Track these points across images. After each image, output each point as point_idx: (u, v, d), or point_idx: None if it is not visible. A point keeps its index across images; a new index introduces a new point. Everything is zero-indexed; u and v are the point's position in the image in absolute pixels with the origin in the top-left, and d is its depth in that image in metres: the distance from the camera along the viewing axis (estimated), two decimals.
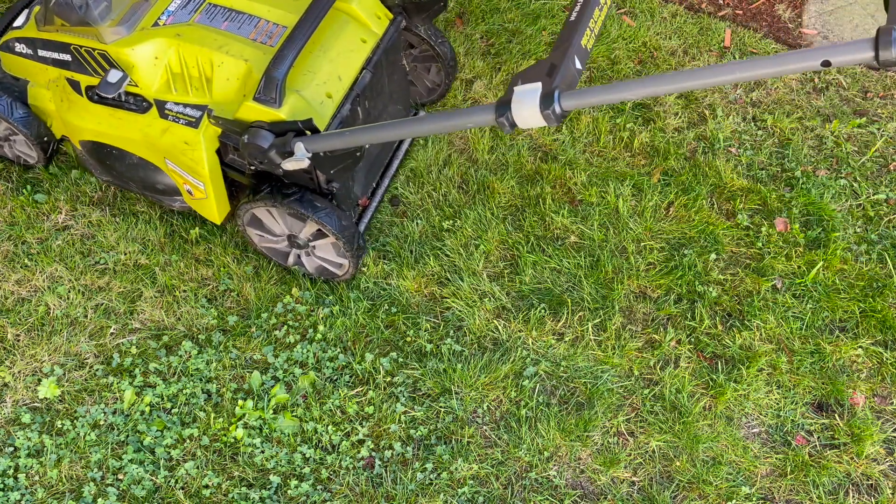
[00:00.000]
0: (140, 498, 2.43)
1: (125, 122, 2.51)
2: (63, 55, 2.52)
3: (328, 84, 2.43)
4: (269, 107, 2.29)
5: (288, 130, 2.29)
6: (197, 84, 2.44)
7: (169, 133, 2.44)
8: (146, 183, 2.74)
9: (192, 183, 2.55)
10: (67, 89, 2.60)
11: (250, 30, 2.47)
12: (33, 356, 2.65)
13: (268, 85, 2.28)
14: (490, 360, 2.69)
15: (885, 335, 2.79)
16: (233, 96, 2.40)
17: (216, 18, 2.49)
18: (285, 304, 2.78)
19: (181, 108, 2.44)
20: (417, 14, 2.73)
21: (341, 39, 2.51)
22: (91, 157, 2.77)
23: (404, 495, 2.46)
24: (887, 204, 3.10)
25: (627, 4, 3.64)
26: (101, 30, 2.40)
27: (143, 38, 2.41)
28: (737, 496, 2.50)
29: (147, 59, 2.41)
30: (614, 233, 2.96)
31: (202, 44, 2.41)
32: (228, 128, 2.39)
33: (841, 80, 3.44)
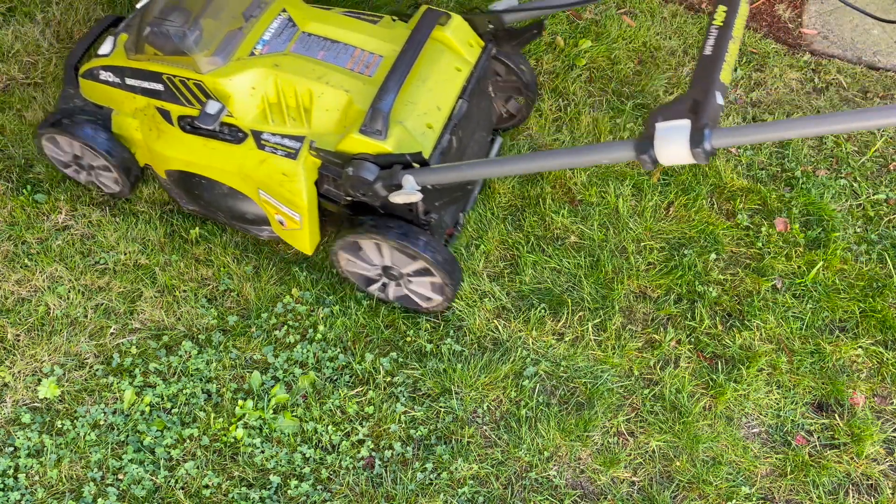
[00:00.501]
0: (140, 498, 2.43)
1: (219, 153, 2.48)
2: (154, 84, 2.48)
3: (428, 115, 2.39)
4: (375, 139, 2.26)
5: (394, 163, 2.26)
6: (294, 114, 2.40)
7: (266, 164, 2.40)
8: (235, 213, 2.71)
9: (287, 214, 2.51)
10: (157, 118, 2.56)
11: (347, 59, 2.44)
12: (33, 356, 2.65)
13: (374, 117, 2.24)
14: (490, 360, 2.69)
15: (885, 335, 2.79)
16: (332, 127, 2.37)
17: (312, 48, 2.46)
18: (285, 304, 2.78)
19: (279, 139, 2.40)
20: (508, 41, 2.67)
21: (438, 69, 2.47)
22: (177, 186, 2.73)
23: (404, 495, 2.46)
24: (887, 204, 3.10)
25: (627, 4, 3.64)
26: (197, 59, 2.36)
27: (241, 68, 2.38)
28: (737, 496, 2.50)
29: (244, 89, 2.38)
30: (614, 233, 2.96)
31: (301, 74, 2.38)
32: (330, 160, 2.35)
33: (841, 80, 3.44)
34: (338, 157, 2.34)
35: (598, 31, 3.51)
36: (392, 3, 3.55)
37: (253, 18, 2.49)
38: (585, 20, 3.56)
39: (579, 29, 3.52)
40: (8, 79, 3.22)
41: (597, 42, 3.48)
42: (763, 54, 3.50)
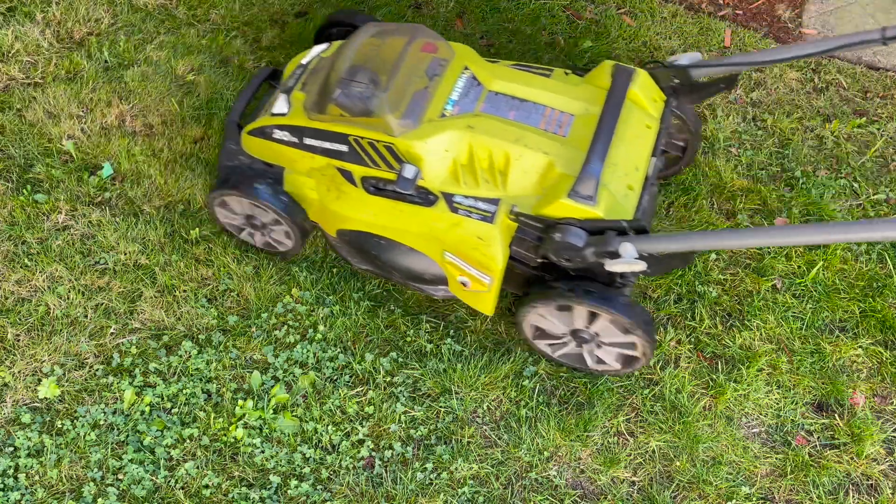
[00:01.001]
0: (140, 498, 2.43)
1: (407, 215, 2.42)
2: (338, 145, 2.42)
3: (628, 176, 2.31)
4: (585, 205, 2.19)
5: (606, 229, 2.19)
6: (489, 176, 2.34)
7: (460, 227, 2.34)
8: (412, 273, 2.63)
9: (474, 276, 2.43)
10: (338, 179, 2.50)
11: (539, 119, 2.37)
12: (33, 356, 2.65)
13: (585, 182, 2.18)
14: (490, 360, 2.69)
15: (885, 335, 2.79)
16: (529, 190, 2.31)
17: (501, 108, 2.40)
18: (285, 304, 2.78)
19: (472, 202, 2.34)
20: (690, 96, 2.57)
21: (631, 127, 2.38)
22: (350, 245, 2.67)
23: (404, 495, 2.46)
24: (887, 204, 3.10)
25: (627, 4, 3.64)
26: (389, 121, 2.30)
27: (434, 130, 2.32)
28: (737, 496, 2.50)
29: (437, 151, 2.33)
30: None
31: (497, 136, 2.31)
32: (530, 224, 2.29)
33: (841, 80, 3.44)
34: (539, 221, 2.27)
35: (598, 31, 3.51)
36: (392, 2, 3.55)
37: (437, 77, 2.43)
38: (585, 20, 3.56)
39: (579, 29, 3.52)
40: (8, 79, 3.22)
41: (597, 42, 3.48)
42: None
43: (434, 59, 2.47)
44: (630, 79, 2.42)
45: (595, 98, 2.42)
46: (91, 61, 3.27)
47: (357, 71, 2.35)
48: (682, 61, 2.51)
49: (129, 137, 3.09)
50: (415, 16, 3.54)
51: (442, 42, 2.53)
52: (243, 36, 3.44)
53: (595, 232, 2.22)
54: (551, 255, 2.30)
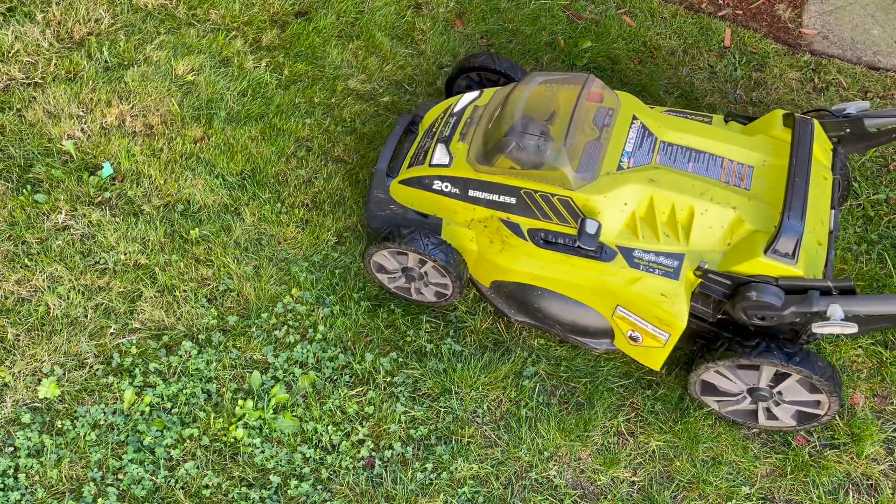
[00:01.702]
0: (140, 498, 2.43)
1: (578, 269, 2.38)
2: (507, 198, 2.39)
3: (816, 231, 2.23)
4: (784, 263, 2.13)
5: (808, 288, 2.12)
6: (669, 230, 2.29)
7: (640, 283, 2.29)
8: (575, 326, 2.58)
9: (649, 332, 2.38)
10: (503, 231, 2.46)
11: (719, 172, 2.32)
12: (33, 356, 2.65)
13: (785, 240, 2.11)
14: (490, 360, 2.69)
15: (885, 335, 2.79)
16: (713, 245, 2.26)
17: (678, 159, 2.35)
18: (285, 304, 2.78)
19: (653, 257, 2.29)
20: (856, 144, 2.51)
21: (813, 181, 2.28)
22: (506, 297, 2.63)
23: (404, 495, 2.46)
24: (887, 204, 3.10)
25: (627, 4, 3.64)
26: (567, 174, 2.26)
27: (614, 183, 2.28)
28: (737, 496, 2.50)
29: (616, 205, 2.29)
30: None
31: (680, 189, 2.27)
32: (719, 281, 2.23)
33: (841, 80, 3.44)
34: (729, 278, 2.22)
35: (598, 31, 3.51)
36: (392, 3, 3.55)
37: (606, 128, 2.39)
38: (585, 20, 3.56)
39: (579, 29, 3.52)
40: (8, 79, 3.22)
41: (597, 42, 3.48)
42: (763, 54, 3.50)
43: (600, 109, 2.43)
44: (812, 132, 2.34)
45: (770, 148, 2.36)
46: (91, 61, 3.27)
47: (528, 122, 2.31)
48: (851, 110, 2.45)
49: (129, 137, 3.09)
50: (415, 16, 3.54)
51: (607, 90, 2.49)
52: (243, 36, 3.44)
53: (793, 291, 2.15)
54: (741, 313, 2.23)
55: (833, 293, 2.12)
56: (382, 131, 3.23)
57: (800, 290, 2.14)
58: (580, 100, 2.37)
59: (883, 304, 2.08)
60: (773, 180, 2.28)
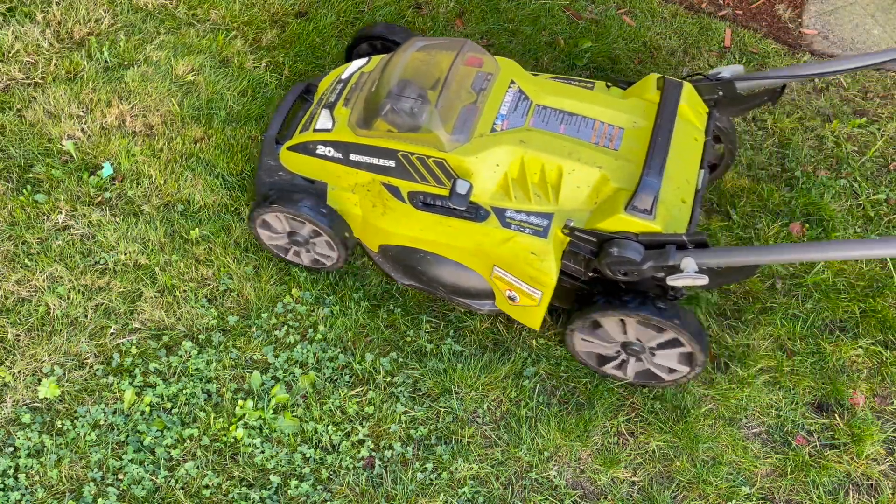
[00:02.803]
0: (140, 498, 2.43)
1: (455, 230, 2.42)
2: (385, 161, 2.41)
3: (681, 189, 2.30)
4: (643, 219, 2.19)
5: (665, 243, 2.19)
6: (539, 191, 2.34)
7: (512, 242, 2.34)
8: (458, 288, 2.63)
9: (524, 291, 2.43)
10: (384, 195, 2.50)
11: (590, 133, 2.37)
12: (33, 356, 2.65)
13: (644, 196, 2.17)
14: (490, 360, 2.69)
15: (885, 335, 2.79)
16: (581, 204, 2.31)
17: (550, 121, 2.39)
18: (285, 304, 2.78)
19: (524, 217, 2.34)
20: (732, 108, 2.57)
21: (682, 141, 2.37)
22: (393, 261, 2.68)
23: (404, 495, 2.46)
24: (887, 204, 3.10)
25: (627, 4, 3.64)
26: (440, 136, 2.30)
27: (486, 145, 2.32)
28: (737, 496, 2.50)
29: (488, 166, 2.33)
30: None
31: (549, 150, 2.31)
32: (585, 238, 2.29)
33: (841, 80, 3.44)
34: (595, 235, 2.27)
35: (598, 31, 3.51)
36: (392, 3, 3.55)
37: (483, 92, 2.43)
38: (585, 20, 3.56)
39: (579, 29, 3.52)
40: (8, 79, 3.22)
41: (597, 42, 3.48)
42: (763, 54, 3.50)
43: (479, 74, 2.46)
44: (679, 93, 2.40)
45: (642, 111, 2.41)
46: (91, 61, 3.27)
47: (405, 86, 2.34)
48: (725, 74, 2.50)
49: (129, 137, 3.09)
50: (415, 16, 3.54)
51: (487, 56, 2.52)
52: (243, 36, 3.44)
53: (652, 246, 2.20)
54: (606, 269, 2.28)
55: (688, 247, 2.18)
56: None
57: (658, 244, 2.21)
58: (455, 63, 2.42)
59: (731, 256, 2.15)
60: (642, 141, 2.34)
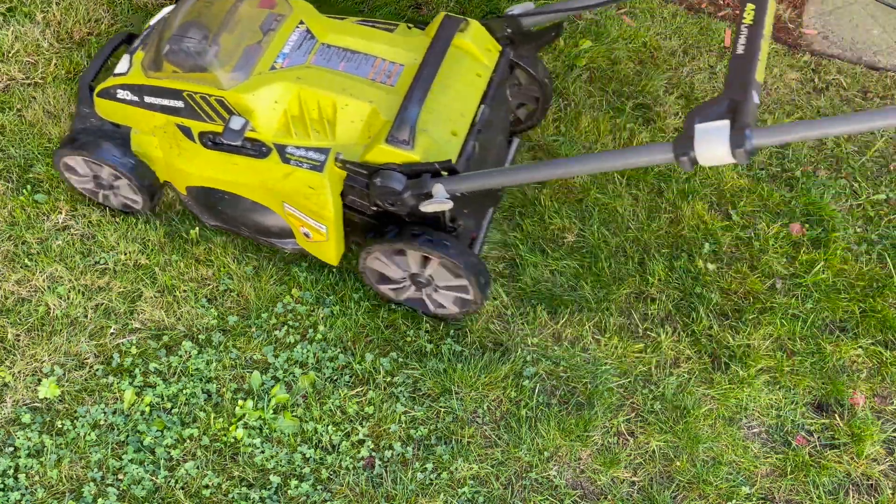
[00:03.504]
0: (140, 498, 2.43)
1: (242, 168, 2.47)
2: (175, 102, 2.46)
3: (452, 122, 2.38)
4: (402, 149, 2.25)
5: (423, 172, 2.26)
6: (318, 127, 2.39)
7: (292, 178, 2.39)
8: (259, 227, 2.70)
9: (313, 226, 2.50)
10: (178, 136, 2.54)
11: (368, 70, 2.43)
12: (33, 356, 2.65)
13: (401, 127, 2.24)
14: (490, 360, 2.69)
15: (885, 335, 2.79)
16: (356, 138, 2.36)
17: (332, 59, 2.44)
18: (285, 304, 2.78)
19: (303, 152, 2.39)
20: (525, 45, 2.65)
21: (459, 76, 2.45)
22: (199, 202, 2.73)
23: (404, 495, 2.46)
24: (887, 204, 3.10)
25: (627, 4, 3.64)
26: (219, 75, 2.35)
27: (263, 82, 2.37)
28: (737, 496, 2.50)
29: (267, 103, 2.37)
30: (614, 233, 2.96)
31: (324, 86, 2.36)
32: (356, 171, 2.34)
33: (841, 80, 3.44)
34: (364, 167, 2.33)
35: (598, 31, 3.51)
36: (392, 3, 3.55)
37: (271, 32, 2.47)
38: (585, 20, 3.56)
39: (579, 29, 3.52)
40: (8, 79, 3.22)
41: (597, 42, 3.48)
42: None
43: (270, 15, 2.51)
44: (455, 28, 2.48)
45: (424, 48, 2.47)
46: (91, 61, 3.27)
47: (189, 27, 2.39)
48: (514, 11, 2.59)
49: None
50: (415, 15, 3.54)
51: None
52: None
53: (414, 176, 2.28)
54: (377, 200, 2.36)
55: (441, 175, 2.25)
56: None
57: (417, 174, 2.27)
58: (238, 3, 2.47)
59: (476, 181, 2.22)
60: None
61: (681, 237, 2.97)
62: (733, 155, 1.81)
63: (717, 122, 1.82)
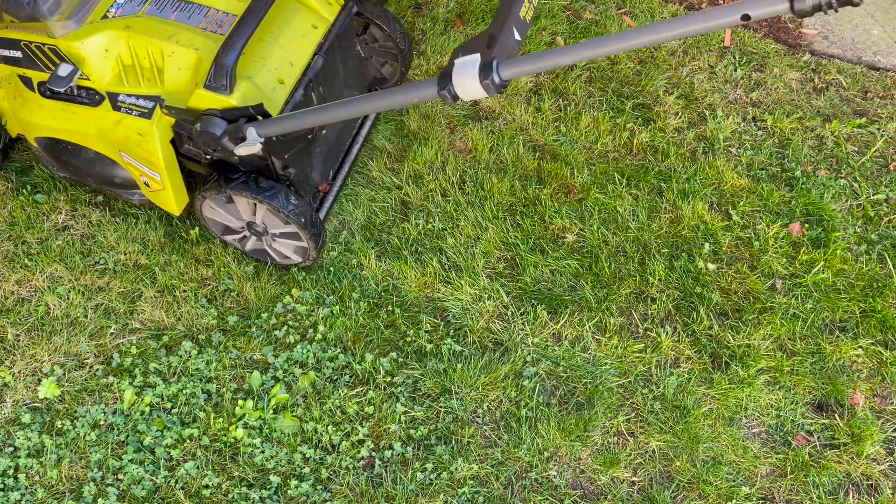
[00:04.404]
0: (140, 498, 2.43)
1: (78, 117, 2.51)
2: (14, 52, 2.50)
3: (280, 70, 2.44)
4: (221, 94, 2.30)
5: (240, 117, 2.30)
6: (148, 75, 2.44)
7: (122, 125, 2.44)
8: (104, 177, 2.74)
9: (149, 175, 2.55)
10: (20, 86, 2.58)
11: (200, 19, 2.47)
12: (33, 356, 2.65)
13: (218, 72, 2.28)
14: (490, 360, 2.69)
15: (885, 335, 2.79)
16: (184, 86, 2.41)
17: (165, 9, 2.48)
18: (285, 304, 2.78)
19: (134, 100, 2.44)
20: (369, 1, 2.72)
21: (292, 26, 2.51)
22: (47, 153, 2.76)
23: (404, 495, 2.46)
24: (887, 204, 3.10)
25: (627, 4, 3.64)
26: (51, 24, 2.38)
27: (93, 30, 2.40)
28: (737, 496, 2.50)
29: (97, 52, 2.41)
30: (614, 233, 2.96)
31: (152, 34, 2.40)
32: (181, 117, 2.39)
33: (841, 80, 3.44)
34: (188, 113, 2.36)
35: (598, 32, 3.51)
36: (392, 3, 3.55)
37: None
38: (585, 20, 3.56)
39: (579, 29, 3.52)
40: None
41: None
42: (763, 54, 3.50)
43: None
44: None
45: None
46: None
47: None
48: None
49: None
50: (415, 16, 3.54)
51: None
52: None
53: (234, 121, 2.30)
54: (202, 146, 2.39)
55: (256, 119, 2.29)
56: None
57: (235, 119, 2.30)
58: None
59: (287, 123, 2.24)
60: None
61: (681, 237, 2.97)
62: (483, 88, 1.83)
63: (471, 56, 1.85)
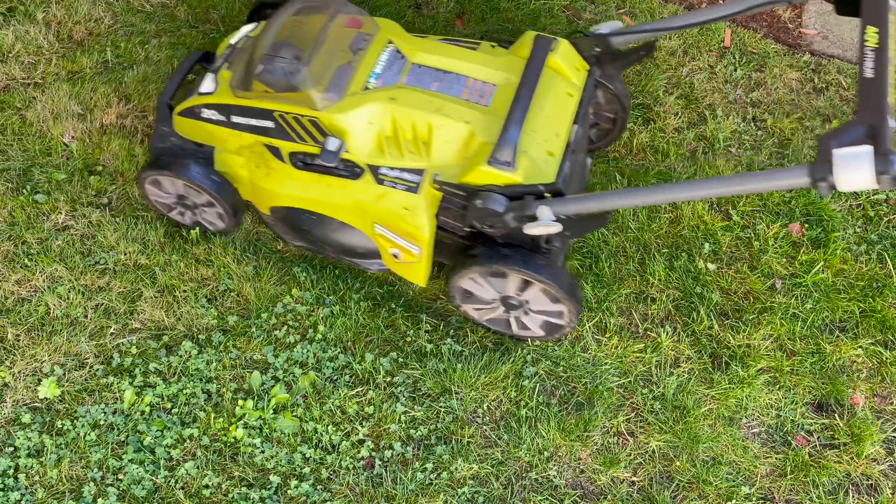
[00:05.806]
0: (140, 498, 2.43)
1: (334, 189, 2.47)
2: (265, 122, 2.45)
3: (548, 142, 2.36)
4: (504, 171, 2.24)
5: (525, 194, 2.25)
6: (412, 147, 2.38)
7: (386, 199, 2.39)
8: (345, 247, 2.70)
9: (404, 247, 2.49)
10: (266, 156, 2.54)
11: (461, 90, 2.41)
12: (33, 356, 2.65)
13: (503, 149, 2.23)
14: (490, 360, 2.69)
15: (885, 335, 2.80)
16: (452, 159, 2.35)
17: (424, 79, 2.43)
18: (285, 304, 2.78)
19: (398, 173, 2.39)
20: (612, 64, 2.63)
21: (552, 95, 2.44)
22: (283, 222, 2.73)
23: (404, 495, 2.46)
24: (887, 204, 3.10)
25: (627, 4, 3.64)
26: (312, 95, 2.34)
27: (357, 102, 2.36)
28: (737, 496, 2.50)
29: (360, 124, 2.36)
30: (614, 233, 2.96)
31: (419, 107, 2.35)
32: (454, 192, 2.34)
33: (841, 80, 3.44)
34: (462, 189, 2.32)
35: None
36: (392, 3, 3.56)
37: (360, 51, 2.46)
38: (586, 20, 3.56)
39: (579, 29, 3.52)
40: (8, 79, 3.22)
41: None
42: (763, 54, 3.50)
43: (359, 34, 2.50)
44: (548, 48, 2.46)
45: (516, 68, 2.45)
46: (91, 61, 3.27)
47: (280, 47, 2.38)
48: (602, 30, 2.58)
49: (129, 137, 3.10)
50: (415, 16, 3.54)
51: (367, 17, 2.57)
52: None
53: (516, 198, 2.27)
54: (476, 222, 2.35)
55: (545, 196, 2.24)
56: None
57: (519, 196, 2.27)
58: (329, 23, 2.46)
59: (583, 203, 2.21)
60: (512, 97, 2.39)
61: (681, 237, 2.97)
62: (878, 181, 1.78)
63: (857, 147, 1.79)
